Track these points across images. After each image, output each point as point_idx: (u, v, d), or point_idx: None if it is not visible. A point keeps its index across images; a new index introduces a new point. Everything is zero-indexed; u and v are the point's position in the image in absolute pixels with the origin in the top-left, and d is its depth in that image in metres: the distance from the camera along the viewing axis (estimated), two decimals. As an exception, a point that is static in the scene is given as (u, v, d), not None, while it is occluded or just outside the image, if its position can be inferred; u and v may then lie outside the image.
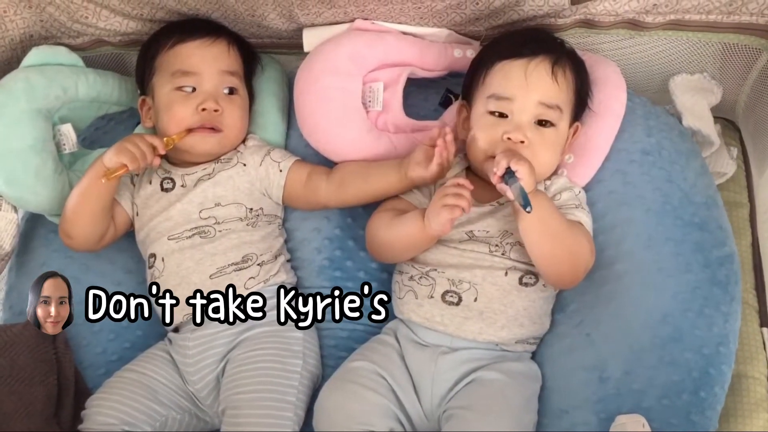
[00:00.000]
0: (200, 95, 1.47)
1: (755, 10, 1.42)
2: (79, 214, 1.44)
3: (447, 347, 1.33)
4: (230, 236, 1.45)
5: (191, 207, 1.46)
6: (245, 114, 1.54)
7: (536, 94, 1.35)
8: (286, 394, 1.34)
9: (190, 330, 1.43)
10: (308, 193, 1.49)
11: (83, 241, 1.46)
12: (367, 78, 1.53)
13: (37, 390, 1.39)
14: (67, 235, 1.46)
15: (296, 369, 1.37)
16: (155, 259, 1.46)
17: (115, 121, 1.67)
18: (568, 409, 1.31)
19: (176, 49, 1.50)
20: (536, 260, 1.31)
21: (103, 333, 1.53)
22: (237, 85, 1.51)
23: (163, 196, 1.49)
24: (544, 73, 1.35)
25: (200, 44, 1.50)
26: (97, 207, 1.44)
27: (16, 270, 1.61)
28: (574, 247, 1.31)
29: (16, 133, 1.46)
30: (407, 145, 1.51)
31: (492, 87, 1.38)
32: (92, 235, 1.46)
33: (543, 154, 1.35)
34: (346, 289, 1.50)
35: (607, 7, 1.45)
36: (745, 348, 1.38)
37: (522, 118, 1.35)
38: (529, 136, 1.34)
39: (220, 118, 1.47)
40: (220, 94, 1.49)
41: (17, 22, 1.53)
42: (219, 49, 1.51)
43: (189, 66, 1.48)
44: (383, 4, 1.46)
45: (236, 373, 1.36)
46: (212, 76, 1.48)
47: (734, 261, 1.38)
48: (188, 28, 1.52)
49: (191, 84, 1.48)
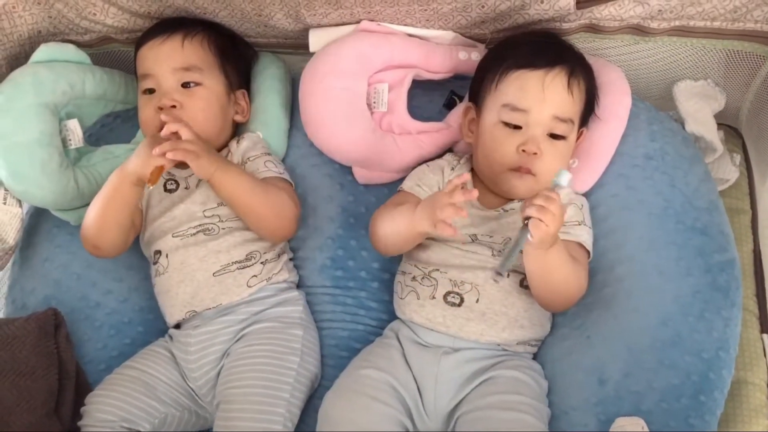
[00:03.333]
0: (158, 95, 1.48)
1: (760, 17, 1.42)
2: (107, 224, 1.42)
3: (449, 348, 1.33)
4: (234, 234, 1.45)
5: (195, 207, 1.47)
6: (212, 105, 1.50)
7: (552, 108, 1.35)
8: (279, 390, 1.34)
9: (192, 327, 1.43)
10: None
11: (112, 250, 1.46)
12: (372, 79, 1.54)
13: (38, 384, 1.39)
14: (95, 246, 1.44)
15: (293, 366, 1.37)
16: (160, 256, 1.47)
17: (121, 118, 1.68)
18: (568, 411, 1.31)
19: (138, 53, 1.53)
20: (532, 288, 1.32)
21: (104, 329, 1.53)
22: (197, 78, 1.49)
23: (166, 197, 1.50)
24: (560, 86, 1.35)
25: (152, 45, 1.50)
26: (124, 215, 1.43)
27: (19, 264, 1.61)
28: (574, 290, 1.31)
29: (23, 127, 1.47)
30: (411, 147, 1.52)
31: (507, 96, 1.37)
32: (121, 242, 1.46)
33: (553, 164, 1.35)
34: (348, 288, 1.51)
35: (612, 12, 1.46)
36: (745, 354, 1.38)
37: (536, 131, 1.35)
38: (542, 147, 1.34)
39: (178, 113, 1.46)
40: (177, 89, 1.48)
41: (26, 18, 1.54)
42: (171, 46, 1.49)
43: (145, 69, 1.50)
44: (390, 6, 1.47)
45: (232, 367, 1.37)
46: (166, 75, 1.48)
47: (735, 266, 1.38)
48: (149, 31, 1.53)
49: (150, 86, 1.49)
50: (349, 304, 1.50)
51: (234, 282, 1.43)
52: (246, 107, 1.58)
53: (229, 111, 1.55)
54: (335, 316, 1.50)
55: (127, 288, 1.57)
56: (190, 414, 1.44)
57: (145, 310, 1.56)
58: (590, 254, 1.39)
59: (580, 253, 1.36)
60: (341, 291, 1.51)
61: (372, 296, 1.51)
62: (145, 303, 1.56)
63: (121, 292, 1.56)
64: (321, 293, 1.52)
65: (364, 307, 1.50)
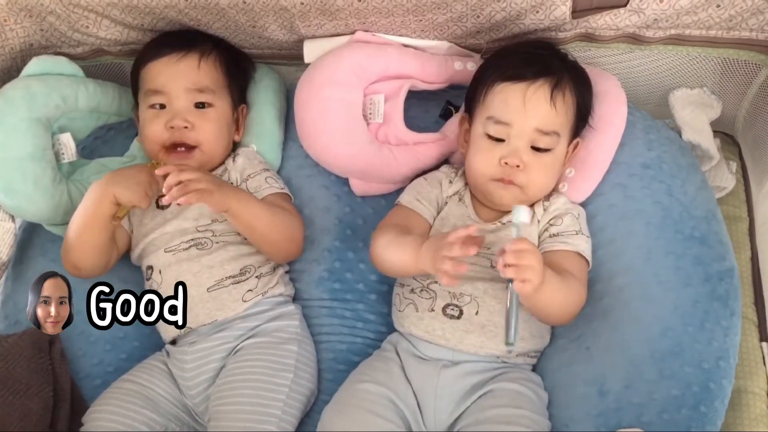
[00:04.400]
0: (169, 112, 1.47)
1: (755, 25, 1.43)
2: (85, 246, 1.41)
3: (449, 361, 1.33)
4: (228, 248, 1.44)
5: (187, 223, 1.46)
6: (222, 126, 1.51)
7: (533, 121, 1.34)
8: (270, 407, 1.32)
9: (187, 343, 1.42)
10: None
11: (92, 272, 1.44)
12: (368, 90, 1.53)
13: (32, 402, 1.38)
14: (75, 266, 1.43)
15: (285, 383, 1.36)
16: (152, 272, 1.46)
17: (114, 131, 1.66)
18: (568, 423, 1.31)
19: (148, 67, 1.50)
20: (533, 316, 1.32)
21: (100, 344, 1.52)
22: (209, 99, 1.49)
23: (158, 214, 1.49)
24: (542, 99, 1.34)
25: (167, 61, 1.48)
26: (102, 238, 1.41)
27: (12, 280, 1.60)
28: (572, 310, 1.31)
29: (16, 141, 1.46)
30: (408, 158, 1.52)
31: (491, 109, 1.37)
32: (100, 264, 1.44)
33: (538, 177, 1.36)
34: (345, 301, 1.50)
35: (608, 21, 1.45)
36: (744, 363, 1.38)
37: (518, 143, 1.35)
38: (525, 159, 1.34)
39: (190, 134, 1.46)
40: (190, 109, 1.48)
41: (17, 31, 1.53)
42: (187, 65, 1.48)
43: (157, 85, 1.48)
44: (384, 17, 1.46)
45: (224, 383, 1.36)
46: (179, 94, 1.47)
47: (734, 275, 1.38)
48: (160, 44, 1.52)
49: (161, 101, 1.48)
50: (347, 316, 1.49)
51: (229, 297, 1.42)
52: (242, 123, 1.58)
53: (232, 130, 1.55)
54: (333, 329, 1.49)
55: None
56: (189, 429, 1.42)
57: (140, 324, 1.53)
58: (589, 263, 1.38)
59: (578, 262, 1.35)
60: (339, 303, 1.50)
61: (370, 309, 1.50)
62: (140, 317, 1.55)
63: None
64: (318, 306, 1.51)
65: (362, 319, 1.49)
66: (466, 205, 1.43)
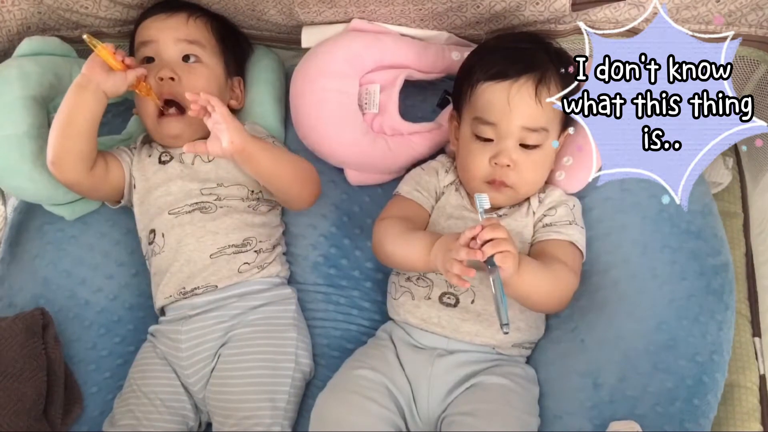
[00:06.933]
0: (158, 65, 1.46)
1: (754, 21, 1.43)
2: (67, 133, 1.37)
3: (443, 350, 1.33)
4: (232, 215, 1.44)
5: (193, 185, 1.45)
6: (211, 85, 1.48)
7: (519, 120, 1.33)
8: (276, 401, 1.34)
9: (181, 323, 1.41)
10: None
11: (72, 167, 1.39)
12: (363, 80, 1.53)
13: (26, 386, 1.37)
14: (54, 160, 1.38)
15: (288, 373, 1.37)
16: (155, 235, 1.45)
17: (111, 113, 1.65)
18: (562, 415, 1.31)
19: (140, 27, 1.51)
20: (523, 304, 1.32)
21: (93, 328, 1.51)
22: (198, 52, 1.48)
23: (161, 169, 1.48)
24: (527, 97, 1.33)
25: (156, 18, 1.49)
26: (86, 124, 1.37)
27: (7, 262, 1.59)
28: (560, 295, 1.30)
29: (12, 120, 1.44)
30: (403, 148, 1.51)
31: (477, 109, 1.37)
32: (81, 157, 1.40)
33: (528, 174, 1.36)
34: (341, 287, 1.50)
35: (608, 15, 1.45)
36: (737, 357, 1.39)
37: (507, 143, 1.34)
38: (515, 158, 1.34)
39: (177, 86, 1.44)
40: (178, 62, 1.47)
41: (14, 13, 1.52)
42: (176, 20, 1.49)
43: (146, 36, 1.48)
44: (384, 5, 1.46)
45: (225, 372, 1.36)
46: (167, 44, 1.47)
47: (729, 270, 1.38)
48: (150, 8, 1.53)
49: (150, 54, 1.47)
50: (342, 303, 1.50)
51: (226, 265, 1.42)
52: (241, 95, 1.58)
53: (225, 95, 1.54)
54: (327, 315, 1.49)
55: (117, 285, 1.54)
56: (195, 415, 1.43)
57: (135, 308, 1.54)
58: (583, 254, 1.38)
59: (570, 251, 1.35)
60: (334, 289, 1.50)
61: (365, 296, 1.50)
62: (135, 301, 1.55)
63: (111, 290, 1.54)
64: (313, 291, 1.51)
65: (356, 306, 1.50)
66: (462, 195, 1.43)
